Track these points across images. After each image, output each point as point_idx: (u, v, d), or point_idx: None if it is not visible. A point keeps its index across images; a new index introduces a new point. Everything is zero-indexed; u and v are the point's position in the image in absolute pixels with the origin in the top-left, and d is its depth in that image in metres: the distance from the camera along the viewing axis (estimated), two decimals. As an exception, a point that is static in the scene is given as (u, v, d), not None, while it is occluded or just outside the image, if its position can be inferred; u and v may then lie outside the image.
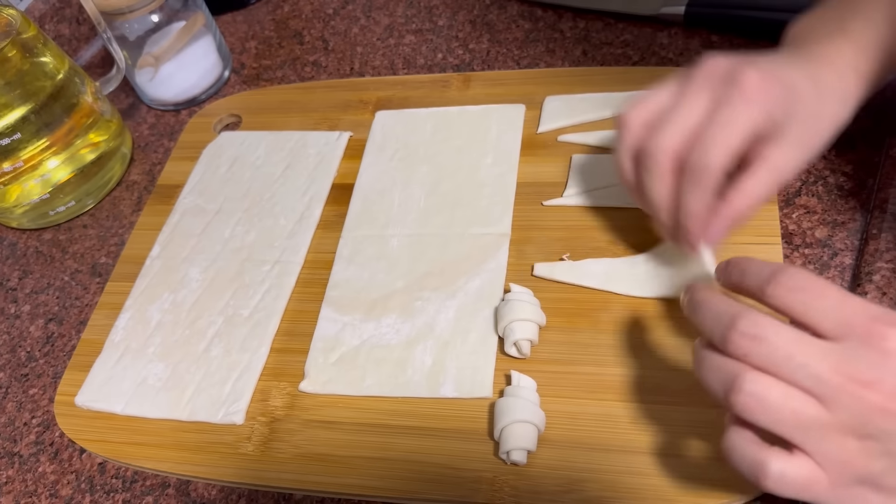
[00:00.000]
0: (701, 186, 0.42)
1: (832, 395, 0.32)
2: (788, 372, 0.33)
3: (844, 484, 0.33)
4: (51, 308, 0.62)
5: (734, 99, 0.41)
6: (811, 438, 0.33)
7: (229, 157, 0.66)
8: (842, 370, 0.32)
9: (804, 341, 0.33)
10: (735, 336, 0.34)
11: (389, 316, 0.52)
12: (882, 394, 0.31)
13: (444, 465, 0.45)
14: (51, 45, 0.65)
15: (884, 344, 0.32)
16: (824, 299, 0.33)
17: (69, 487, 0.51)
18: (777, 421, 0.33)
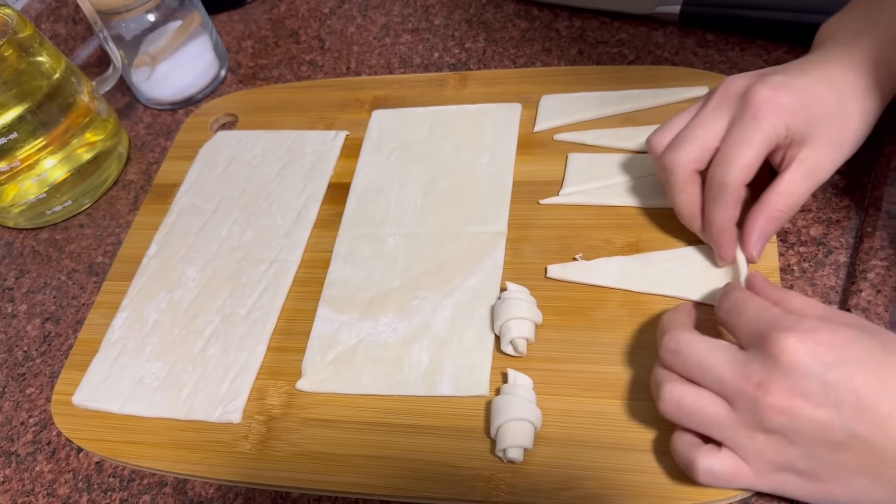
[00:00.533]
0: (723, 202, 0.45)
1: (733, 396, 0.37)
2: (700, 376, 0.38)
3: (766, 472, 0.37)
4: (47, 307, 0.62)
5: (746, 118, 0.45)
6: (727, 435, 0.37)
7: (226, 157, 0.66)
8: (740, 373, 0.37)
9: (714, 351, 0.38)
10: (662, 351, 0.40)
11: (386, 315, 0.52)
12: (772, 393, 0.35)
13: (441, 464, 0.45)
14: (47, 44, 0.65)
15: (772, 347, 0.36)
16: (743, 315, 0.39)
17: (66, 486, 0.51)
18: (695, 422, 0.38)
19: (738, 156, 0.44)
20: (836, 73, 0.46)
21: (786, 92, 0.44)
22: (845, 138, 0.46)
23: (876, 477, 0.35)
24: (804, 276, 0.49)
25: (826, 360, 0.35)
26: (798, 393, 0.35)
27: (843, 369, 0.35)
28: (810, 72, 0.46)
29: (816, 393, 0.35)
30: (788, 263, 0.50)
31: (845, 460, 0.35)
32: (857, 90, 0.46)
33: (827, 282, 0.49)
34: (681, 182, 0.47)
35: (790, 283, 0.49)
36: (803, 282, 0.49)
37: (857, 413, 0.34)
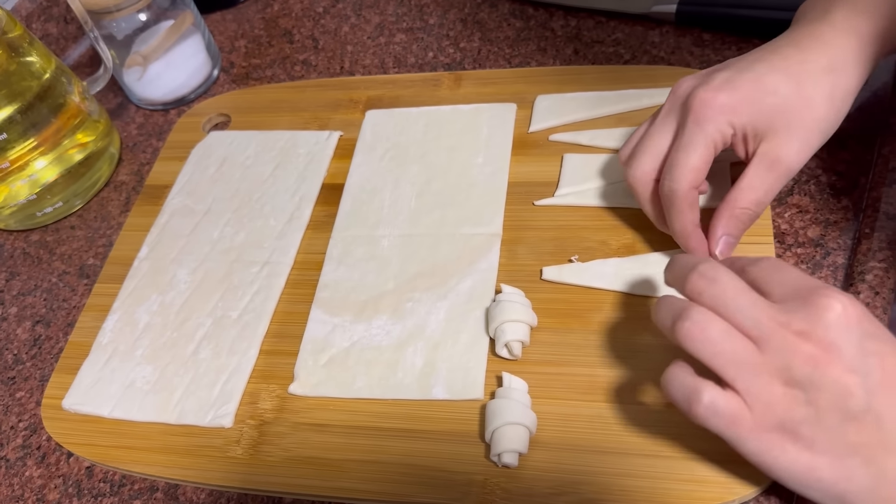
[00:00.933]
0: (676, 209, 0.46)
1: (766, 338, 0.35)
2: (732, 312, 0.36)
3: (766, 427, 0.36)
4: (38, 310, 0.61)
5: (688, 123, 0.45)
6: (742, 376, 0.36)
7: (218, 157, 0.65)
8: (778, 318, 0.35)
9: (751, 292, 0.37)
10: (694, 276, 0.38)
11: (380, 317, 0.52)
12: (811, 343, 0.34)
13: (435, 468, 0.45)
14: (37, 44, 0.65)
15: (820, 301, 0.35)
16: (785, 273, 0.38)
17: (56, 492, 0.50)
18: (714, 354, 0.36)
19: (682, 162, 0.45)
20: (793, 58, 0.45)
21: (726, 91, 0.44)
22: (809, 125, 0.44)
23: (869, 459, 0.34)
24: (801, 277, 0.49)
25: (868, 329, 0.35)
26: (835, 350, 0.34)
27: (880, 343, 0.35)
28: (763, 60, 0.45)
29: (851, 356, 0.34)
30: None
31: (850, 434, 0.34)
32: (816, 71, 0.44)
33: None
34: (643, 194, 0.48)
35: (787, 285, 0.48)
36: (801, 283, 0.49)
37: (879, 388, 0.34)
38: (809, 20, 0.47)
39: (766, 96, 0.44)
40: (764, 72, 0.45)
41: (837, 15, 0.46)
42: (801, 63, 0.45)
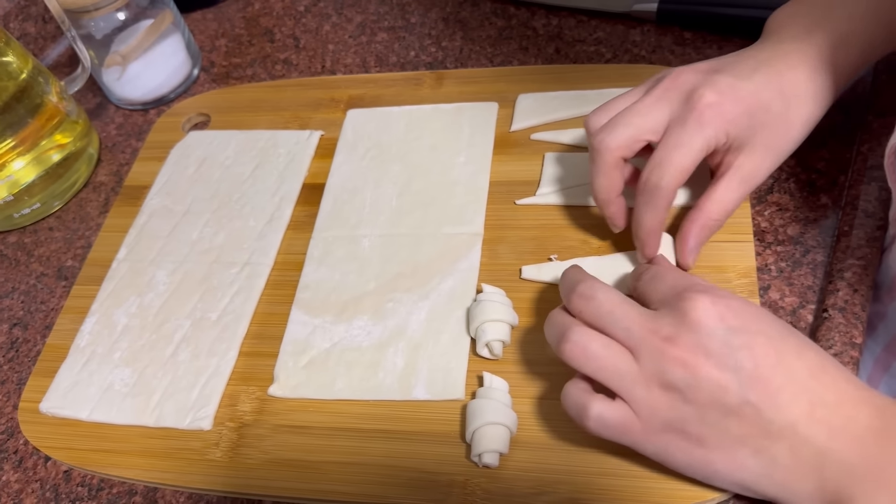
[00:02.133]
0: (654, 205, 0.45)
1: (639, 347, 0.37)
2: (609, 324, 0.39)
3: (656, 429, 0.37)
4: (15, 313, 0.60)
5: (689, 122, 0.44)
6: (625, 386, 0.38)
7: (198, 157, 0.65)
8: (648, 326, 0.37)
9: (626, 303, 0.39)
10: (574, 297, 0.40)
11: (361, 318, 0.51)
12: (678, 346, 0.36)
13: (416, 469, 0.45)
14: (14, 44, 0.64)
15: (683, 304, 0.37)
16: (662, 282, 0.40)
17: (34, 496, 0.50)
18: (597, 368, 0.38)
19: (676, 161, 0.43)
20: (786, 75, 0.45)
21: (732, 98, 0.44)
22: (784, 145, 0.46)
23: (758, 449, 0.35)
24: (781, 275, 0.49)
25: (732, 325, 0.36)
26: (702, 350, 0.36)
27: (747, 337, 0.36)
28: (760, 71, 0.45)
29: (718, 353, 0.36)
30: (766, 263, 0.50)
31: (733, 427, 0.35)
32: (804, 95, 0.45)
33: (804, 281, 0.48)
34: (605, 165, 0.46)
35: (767, 283, 0.49)
36: (780, 281, 0.49)
37: (752, 380, 0.35)
38: (793, 37, 0.47)
39: (760, 112, 0.44)
40: (762, 85, 0.45)
41: (821, 41, 0.46)
42: (793, 84, 0.45)
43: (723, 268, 0.49)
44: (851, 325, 0.45)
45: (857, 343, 0.45)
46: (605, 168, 0.46)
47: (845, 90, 0.57)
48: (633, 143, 0.45)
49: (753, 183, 0.46)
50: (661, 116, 0.45)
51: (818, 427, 0.35)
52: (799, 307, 0.48)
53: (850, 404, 0.35)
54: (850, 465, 0.34)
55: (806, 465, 0.35)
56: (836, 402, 0.35)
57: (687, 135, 0.43)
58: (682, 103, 0.44)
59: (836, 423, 0.35)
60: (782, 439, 0.35)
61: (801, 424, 0.35)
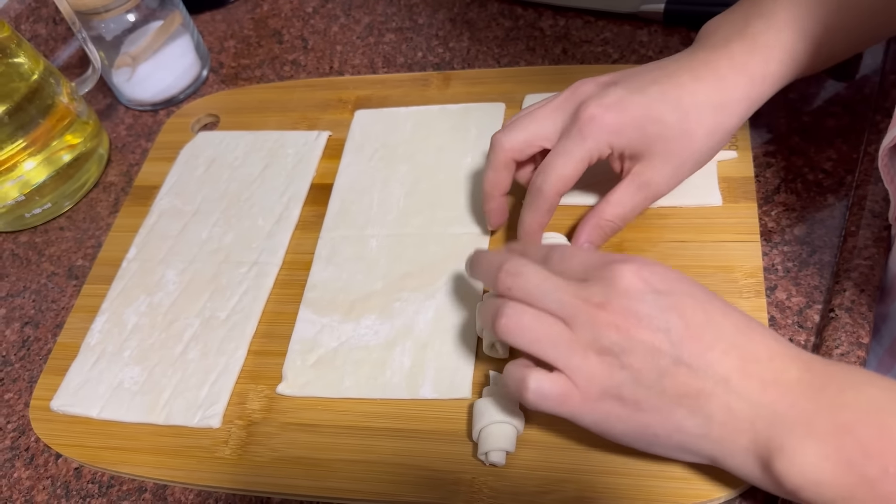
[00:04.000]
0: (535, 206, 0.48)
1: (572, 315, 0.38)
2: (539, 298, 0.39)
3: (594, 397, 0.38)
4: (27, 311, 0.61)
5: (572, 132, 0.46)
6: (561, 355, 0.38)
7: (207, 158, 0.65)
8: (580, 295, 0.38)
9: (554, 276, 0.39)
10: (502, 275, 0.40)
11: (368, 317, 0.52)
12: (609, 312, 0.37)
13: (423, 467, 0.45)
14: (25, 45, 0.64)
15: (610, 273, 0.38)
16: (575, 259, 0.41)
17: (45, 493, 0.50)
18: (531, 341, 0.39)
19: (557, 167, 0.46)
20: (688, 86, 0.46)
21: (615, 112, 0.45)
22: (685, 156, 0.46)
23: (693, 408, 0.36)
24: (788, 275, 0.49)
25: (660, 288, 0.37)
26: (633, 314, 0.37)
27: (674, 298, 0.37)
28: (658, 83, 0.46)
29: (649, 316, 0.37)
30: (772, 263, 0.50)
31: (668, 387, 0.36)
32: (706, 106, 0.46)
33: (811, 281, 0.49)
34: (496, 161, 0.49)
35: (774, 283, 0.49)
36: (787, 281, 0.49)
37: (683, 339, 0.36)
38: (711, 46, 0.47)
39: (651, 123, 0.45)
40: (655, 97, 0.45)
41: (736, 49, 0.46)
42: (693, 95, 0.46)
43: (729, 267, 0.49)
44: (858, 325, 0.46)
45: (864, 343, 0.45)
46: (495, 164, 0.49)
47: (854, 91, 0.57)
48: (526, 146, 0.48)
49: (651, 191, 0.47)
50: (554, 125, 0.47)
51: (750, 381, 0.36)
52: (806, 307, 0.48)
53: (780, 359, 0.36)
54: (781, 415, 0.35)
55: (740, 420, 0.35)
56: (767, 357, 0.36)
57: (570, 144, 0.46)
58: (571, 114, 0.47)
59: (768, 376, 0.36)
60: (716, 396, 0.36)
61: (733, 379, 0.36)
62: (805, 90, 0.58)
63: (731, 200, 0.52)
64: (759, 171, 0.54)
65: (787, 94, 0.58)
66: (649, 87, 0.46)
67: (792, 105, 0.58)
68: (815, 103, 0.58)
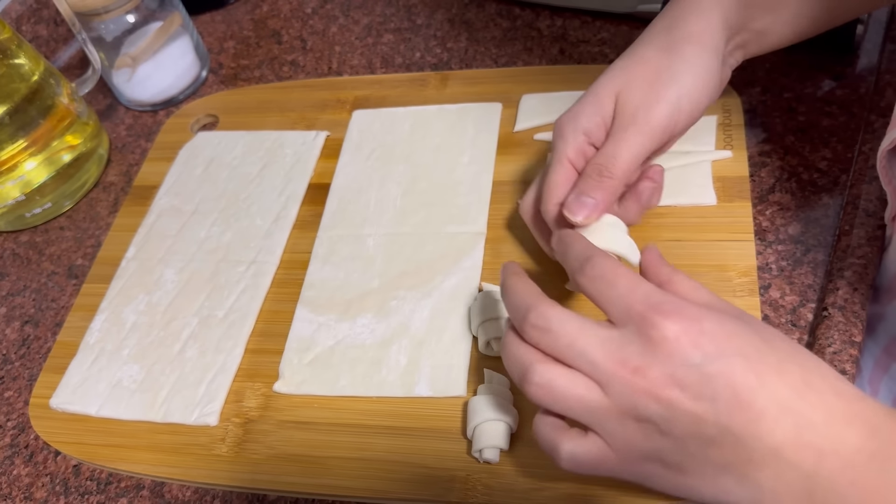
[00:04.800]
0: (553, 227, 0.47)
1: (607, 381, 0.34)
2: (571, 358, 0.35)
3: (632, 461, 0.35)
4: (27, 310, 0.61)
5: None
6: (597, 420, 0.35)
7: (206, 158, 0.66)
8: (615, 357, 0.34)
9: (586, 330, 0.35)
10: (527, 327, 0.36)
11: (364, 316, 0.52)
12: (648, 380, 0.33)
13: (418, 465, 0.45)
14: (26, 46, 0.65)
15: (652, 332, 0.33)
16: (614, 288, 0.35)
17: (44, 490, 0.51)
18: (565, 407, 0.35)
19: (545, 183, 0.46)
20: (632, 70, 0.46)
21: (574, 105, 0.46)
22: (644, 128, 0.45)
23: (741, 476, 0.33)
24: (782, 274, 0.49)
25: (707, 351, 0.33)
26: (676, 382, 0.33)
27: (724, 362, 0.33)
28: (606, 74, 0.46)
29: (694, 384, 0.33)
30: (766, 262, 0.50)
31: (714, 456, 0.33)
32: (664, 73, 0.45)
33: (805, 280, 0.49)
34: (528, 223, 0.49)
35: (768, 282, 0.49)
36: (781, 280, 0.49)
37: (732, 409, 0.32)
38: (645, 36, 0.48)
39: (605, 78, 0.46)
40: (602, 83, 0.46)
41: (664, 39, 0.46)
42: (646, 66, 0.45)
43: (724, 266, 0.49)
44: (851, 324, 0.46)
45: (857, 342, 0.45)
46: (530, 225, 0.49)
47: (849, 91, 0.58)
48: (537, 194, 0.48)
49: (618, 163, 0.45)
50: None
51: (805, 451, 0.31)
52: (799, 305, 0.48)
53: (841, 423, 0.32)
54: (840, 493, 0.31)
55: (794, 492, 0.32)
56: (825, 422, 0.32)
57: (548, 160, 0.47)
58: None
59: (825, 445, 0.31)
60: (767, 467, 0.32)
61: (786, 450, 0.32)
62: (801, 90, 0.59)
63: (725, 200, 0.52)
64: (753, 170, 0.55)
65: (783, 94, 0.58)
66: (598, 79, 0.47)
67: (787, 104, 0.58)
68: (810, 103, 0.58)
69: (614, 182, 0.44)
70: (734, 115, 0.57)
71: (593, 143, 0.46)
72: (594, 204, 0.44)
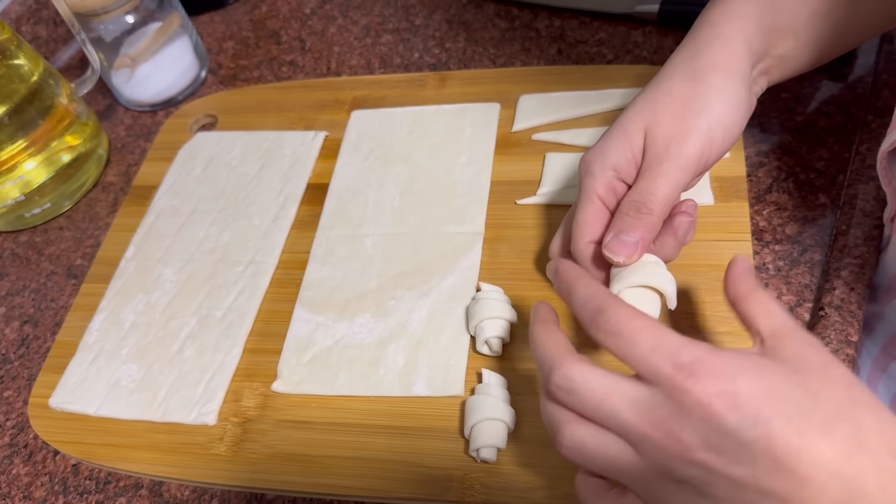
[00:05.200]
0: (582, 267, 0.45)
1: (639, 442, 0.33)
2: (601, 419, 0.34)
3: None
4: (26, 310, 0.62)
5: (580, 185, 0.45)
6: (634, 481, 0.34)
7: (205, 158, 0.66)
8: (646, 418, 0.32)
9: (613, 390, 0.33)
10: (552, 388, 0.35)
11: (363, 315, 0.52)
12: (682, 444, 0.31)
13: (415, 464, 0.45)
14: (25, 47, 0.65)
15: (684, 398, 0.31)
16: (636, 346, 0.33)
17: (43, 489, 0.51)
18: (599, 468, 0.34)
19: (575, 221, 0.45)
20: (662, 102, 0.44)
21: (599, 141, 0.45)
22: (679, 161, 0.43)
23: None
24: (779, 273, 0.49)
25: (745, 414, 0.30)
26: (713, 448, 0.31)
27: (763, 427, 0.30)
28: (631, 108, 0.45)
29: (732, 450, 0.31)
30: (763, 261, 0.50)
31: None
32: (694, 98, 0.44)
33: (801, 280, 0.49)
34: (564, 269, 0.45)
35: (765, 281, 0.49)
36: (778, 280, 0.49)
37: (774, 473, 0.30)
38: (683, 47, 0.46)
39: (630, 112, 0.44)
40: (630, 118, 0.44)
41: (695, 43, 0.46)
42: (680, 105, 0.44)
43: (721, 266, 0.48)
44: (847, 324, 0.46)
45: (853, 341, 0.45)
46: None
47: (846, 91, 0.58)
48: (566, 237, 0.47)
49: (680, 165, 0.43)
50: None
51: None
52: (796, 305, 0.48)
53: (892, 485, 0.29)
54: None
55: None
56: (879, 487, 0.29)
57: (576, 199, 0.45)
58: None
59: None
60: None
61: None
62: (798, 90, 0.59)
63: (722, 200, 0.52)
64: (751, 170, 0.55)
65: (780, 94, 0.58)
66: (624, 113, 0.45)
67: (784, 105, 0.58)
68: (808, 103, 0.58)
69: (653, 218, 0.42)
70: (731, 115, 0.57)
71: (623, 179, 0.44)
72: (634, 242, 0.42)
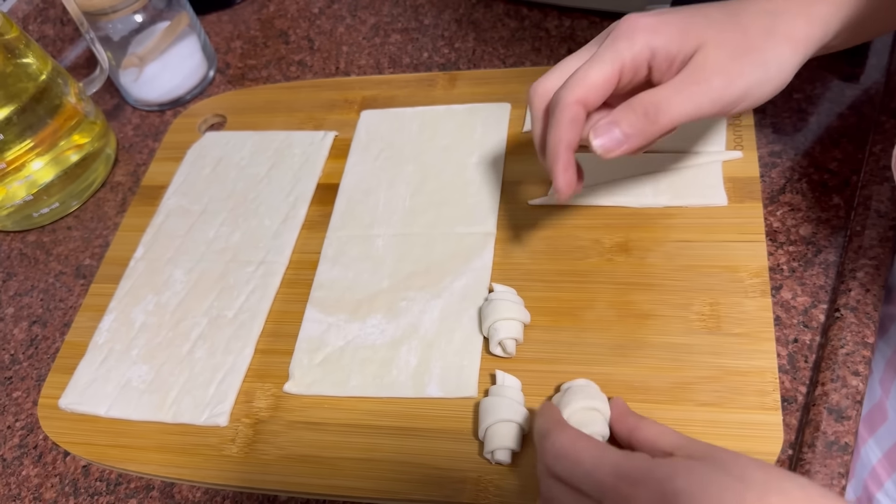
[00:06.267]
0: (555, 120, 0.41)
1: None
2: (576, 485, 0.35)
3: None
4: (35, 310, 0.61)
5: (605, 41, 0.41)
6: None
7: (214, 158, 0.66)
8: (623, 480, 0.33)
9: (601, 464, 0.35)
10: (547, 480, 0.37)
11: (374, 316, 0.52)
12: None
13: (429, 466, 0.45)
14: (33, 46, 0.65)
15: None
16: (579, 466, 0.35)
17: (53, 490, 0.51)
18: None
19: (581, 74, 0.41)
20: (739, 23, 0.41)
21: (652, 15, 0.41)
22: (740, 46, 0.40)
23: None
24: (793, 275, 0.49)
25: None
26: None
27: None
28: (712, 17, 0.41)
29: None
30: (778, 263, 0.50)
31: None
32: (760, 12, 0.41)
33: (816, 281, 0.49)
34: (535, 109, 0.44)
35: (779, 283, 0.49)
36: (792, 281, 0.49)
37: None
38: None
39: (697, 17, 0.41)
40: (695, 22, 0.41)
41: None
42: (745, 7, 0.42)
43: (735, 267, 0.49)
44: (863, 325, 0.46)
45: (870, 343, 0.45)
46: (534, 113, 0.44)
47: (859, 92, 0.57)
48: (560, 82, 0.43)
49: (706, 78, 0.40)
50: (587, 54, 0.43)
51: None
52: (811, 307, 0.48)
53: None
54: None
55: None
56: None
57: (598, 52, 0.41)
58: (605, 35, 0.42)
59: None
60: None
61: None
62: (810, 91, 0.58)
63: (736, 200, 0.52)
64: (764, 171, 0.54)
65: (792, 95, 0.58)
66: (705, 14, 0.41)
67: (797, 105, 0.58)
68: (820, 104, 0.58)
69: (655, 129, 0.40)
70: (744, 115, 0.56)
71: (651, 66, 0.41)
72: (622, 141, 0.41)
